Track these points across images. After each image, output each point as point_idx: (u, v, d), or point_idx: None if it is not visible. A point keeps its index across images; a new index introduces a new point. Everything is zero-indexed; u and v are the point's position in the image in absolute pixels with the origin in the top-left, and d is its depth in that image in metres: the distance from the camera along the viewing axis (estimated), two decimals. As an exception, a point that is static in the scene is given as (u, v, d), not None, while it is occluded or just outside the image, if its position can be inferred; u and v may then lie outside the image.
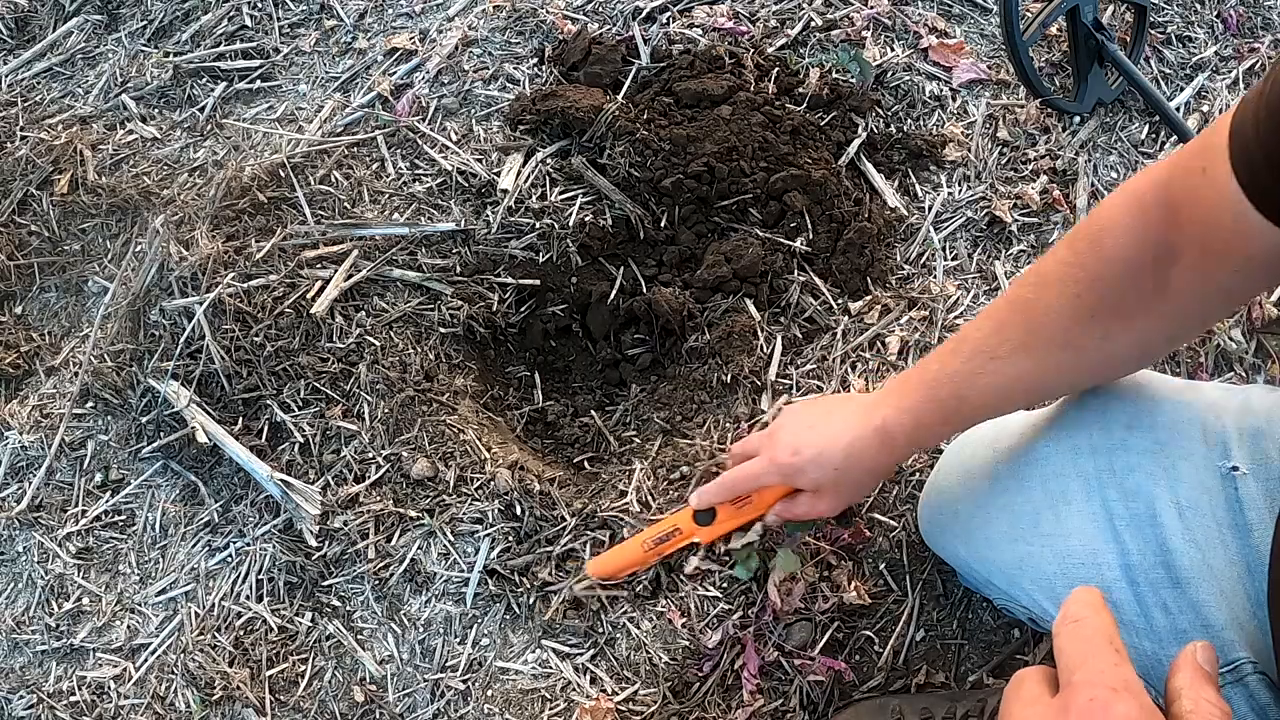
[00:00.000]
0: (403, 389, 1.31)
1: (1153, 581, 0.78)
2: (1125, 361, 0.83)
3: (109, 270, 1.55)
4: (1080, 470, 0.84)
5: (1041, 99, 1.46)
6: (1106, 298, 0.77)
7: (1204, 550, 0.77)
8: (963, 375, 0.85)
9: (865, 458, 0.93)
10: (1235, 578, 0.76)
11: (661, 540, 1.11)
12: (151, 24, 1.77)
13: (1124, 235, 0.75)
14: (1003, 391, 0.84)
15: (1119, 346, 0.79)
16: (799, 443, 0.97)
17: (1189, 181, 0.69)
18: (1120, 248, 0.75)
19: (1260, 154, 0.62)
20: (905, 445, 0.92)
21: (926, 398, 0.88)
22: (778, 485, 1.02)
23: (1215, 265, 0.70)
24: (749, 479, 1.03)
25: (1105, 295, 0.76)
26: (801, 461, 0.96)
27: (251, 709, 1.21)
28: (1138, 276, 0.75)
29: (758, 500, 1.05)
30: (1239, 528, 0.77)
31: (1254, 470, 0.78)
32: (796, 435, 0.98)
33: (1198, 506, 0.78)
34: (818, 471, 0.96)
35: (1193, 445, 0.81)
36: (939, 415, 0.88)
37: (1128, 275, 0.75)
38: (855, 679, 1.11)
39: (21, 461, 1.43)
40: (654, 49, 1.53)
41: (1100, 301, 0.77)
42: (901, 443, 0.92)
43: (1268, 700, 0.72)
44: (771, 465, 0.99)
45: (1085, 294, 0.77)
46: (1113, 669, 0.49)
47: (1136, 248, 0.74)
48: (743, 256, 1.34)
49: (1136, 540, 0.80)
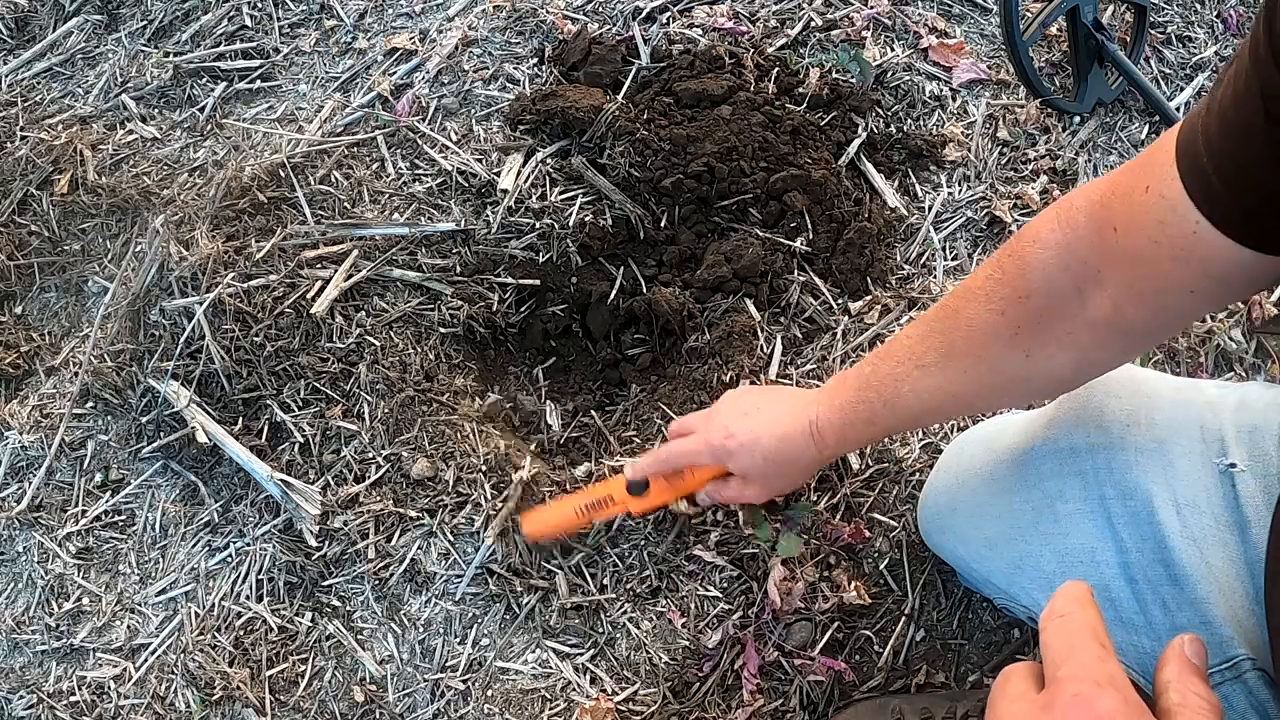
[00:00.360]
0: (403, 389, 1.31)
1: (1151, 579, 0.78)
2: (1047, 382, 0.81)
3: (109, 270, 1.55)
4: (1078, 469, 0.85)
5: (1041, 99, 1.46)
6: (1028, 316, 0.75)
7: (1202, 548, 0.77)
8: (889, 380, 0.86)
9: (793, 452, 0.95)
10: (1234, 575, 0.76)
11: (594, 506, 1.12)
12: (151, 24, 1.77)
13: (1049, 254, 0.73)
14: (925, 400, 0.85)
15: (1040, 366, 0.77)
16: (734, 428, 0.99)
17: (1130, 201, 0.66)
18: (1044, 265, 0.73)
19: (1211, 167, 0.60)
20: (834, 444, 0.94)
21: (855, 399, 0.90)
22: (709, 465, 1.04)
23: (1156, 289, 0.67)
24: (682, 455, 1.05)
25: (1026, 314, 0.75)
26: (733, 446, 0.98)
27: (251, 709, 1.21)
28: (1060, 297, 0.73)
29: (690, 477, 1.07)
30: (1237, 525, 0.77)
31: (1251, 467, 0.78)
32: (732, 420, 1.00)
33: (1196, 504, 0.78)
34: (746, 458, 0.98)
35: (1190, 443, 0.81)
36: (865, 417, 0.89)
37: (1050, 294, 0.73)
38: (855, 679, 1.11)
39: (21, 461, 1.43)
40: (654, 49, 1.53)
41: (1021, 320, 0.76)
42: (830, 441, 0.93)
43: (1267, 697, 0.72)
44: (705, 446, 1.02)
45: (1007, 311, 0.76)
46: (1098, 663, 0.49)
47: (1061, 268, 0.72)
48: (743, 256, 1.34)
49: (1135, 538, 0.80)
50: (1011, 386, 0.82)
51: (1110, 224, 0.68)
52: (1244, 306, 1.28)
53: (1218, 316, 1.28)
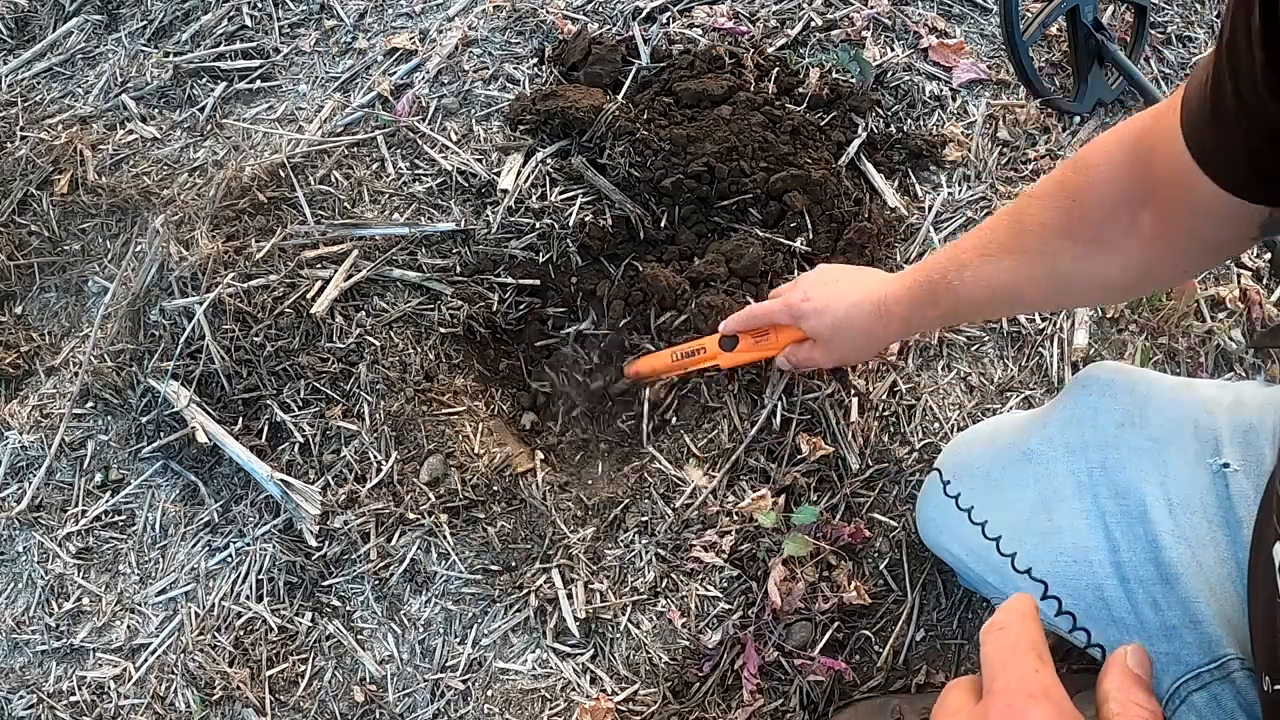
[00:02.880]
0: (403, 389, 1.31)
1: (1143, 578, 0.79)
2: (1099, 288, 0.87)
3: (109, 270, 1.55)
4: (1072, 468, 0.85)
5: (1041, 99, 1.46)
6: (1085, 221, 0.81)
7: (1194, 547, 0.77)
8: (954, 266, 0.92)
9: (861, 322, 1.03)
10: (1225, 575, 0.76)
11: (688, 355, 1.23)
12: (151, 24, 1.77)
13: (1107, 169, 0.79)
14: (984, 289, 0.90)
15: (1093, 270, 0.83)
16: (812, 293, 1.09)
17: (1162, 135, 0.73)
18: (1103, 180, 0.79)
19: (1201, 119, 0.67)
20: (899, 322, 1.01)
21: (923, 280, 0.96)
22: (786, 323, 1.13)
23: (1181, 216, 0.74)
24: (765, 313, 1.15)
25: (1085, 219, 0.81)
26: (807, 308, 1.08)
27: (251, 709, 1.21)
28: (1115, 209, 0.79)
29: (774, 339, 1.17)
30: (1230, 525, 0.77)
31: (1245, 467, 0.78)
32: (812, 286, 1.10)
33: (1189, 503, 0.79)
34: (818, 320, 1.07)
35: (1185, 442, 0.81)
36: (930, 301, 0.95)
37: (1106, 206, 0.80)
38: (855, 679, 1.11)
39: (21, 461, 1.43)
40: (654, 49, 1.52)
41: (1080, 223, 0.82)
42: (896, 316, 1.00)
43: (1255, 697, 0.72)
44: (784, 305, 1.12)
45: (1069, 211, 0.82)
46: (1032, 675, 0.49)
47: (1116, 183, 0.79)
48: (743, 256, 1.34)
49: (1127, 537, 0.80)
50: (1067, 287, 0.87)
51: (1152, 149, 0.74)
52: (1244, 306, 1.28)
53: (1218, 316, 1.28)
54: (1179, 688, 0.76)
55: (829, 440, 1.21)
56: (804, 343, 1.13)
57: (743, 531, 1.17)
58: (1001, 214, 0.90)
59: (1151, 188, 0.76)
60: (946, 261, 0.93)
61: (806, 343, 1.13)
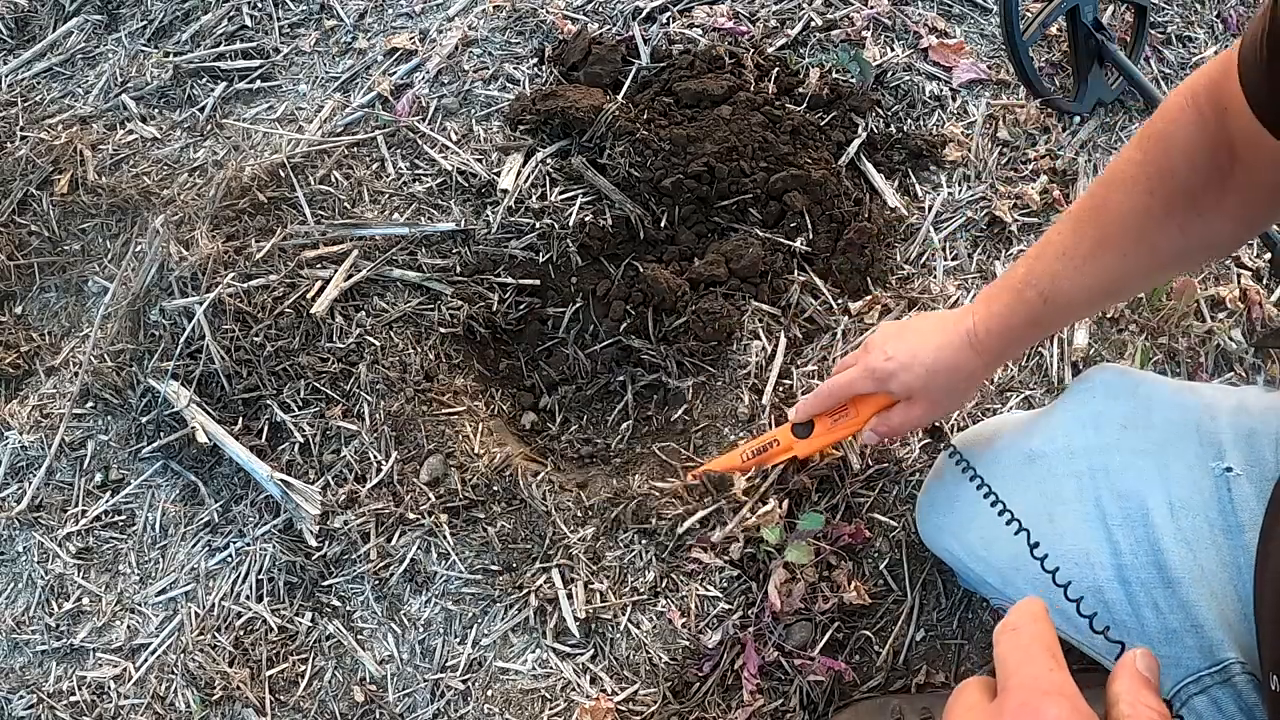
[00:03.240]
0: (403, 389, 1.31)
1: (1144, 581, 0.78)
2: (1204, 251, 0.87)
3: (109, 270, 1.55)
4: (1075, 470, 0.84)
5: (1041, 99, 1.46)
6: (1178, 194, 0.79)
7: (1196, 550, 0.77)
8: (1045, 276, 0.87)
9: (954, 361, 0.94)
10: (1226, 578, 0.76)
11: (760, 451, 1.15)
12: (151, 24, 1.77)
13: (1186, 133, 0.77)
14: (1087, 291, 0.86)
15: (1196, 238, 0.81)
16: (892, 349, 0.98)
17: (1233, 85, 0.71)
18: (1185, 145, 0.77)
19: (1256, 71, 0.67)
20: (997, 348, 0.93)
21: (1013, 300, 0.89)
22: (871, 392, 1.03)
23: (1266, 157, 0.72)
24: (844, 386, 1.04)
25: (1176, 191, 0.78)
26: (894, 366, 0.97)
27: (251, 709, 1.21)
28: (1204, 171, 0.77)
29: (854, 414, 1.07)
30: (1231, 528, 0.77)
31: (1248, 471, 0.78)
32: (889, 342, 1.00)
33: (1191, 506, 0.78)
34: (908, 375, 0.97)
35: (1187, 446, 0.81)
36: (1026, 316, 0.89)
37: (1195, 171, 0.77)
38: (855, 679, 1.11)
39: (21, 461, 1.43)
40: (654, 49, 1.52)
41: (1172, 198, 0.79)
42: (992, 345, 0.92)
43: (1256, 700, 0.72)
44: (865, 370, 1.01)
45: (1156, 190, 0.79)
46: (1047, 674, 0.50)
47: (1199, 145, 0.76)
48: (742, 257, 1.34)
49: (1129, 540, 0.80)
50: (1172, 262, 0.86)
51: (1224, 104, 0.73)
52: (1244, 306, 1.28)
53: (1218, 316, 1.28)
54: (1179, 691, 0.75)
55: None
56: (893, 408, 1.02)
57: (745, 535, 1.17)
58: (1083, 208, 0.86)
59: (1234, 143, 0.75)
60: (1035, 274, 0.88)
61: (896, 407, 1.01)
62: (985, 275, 1.35)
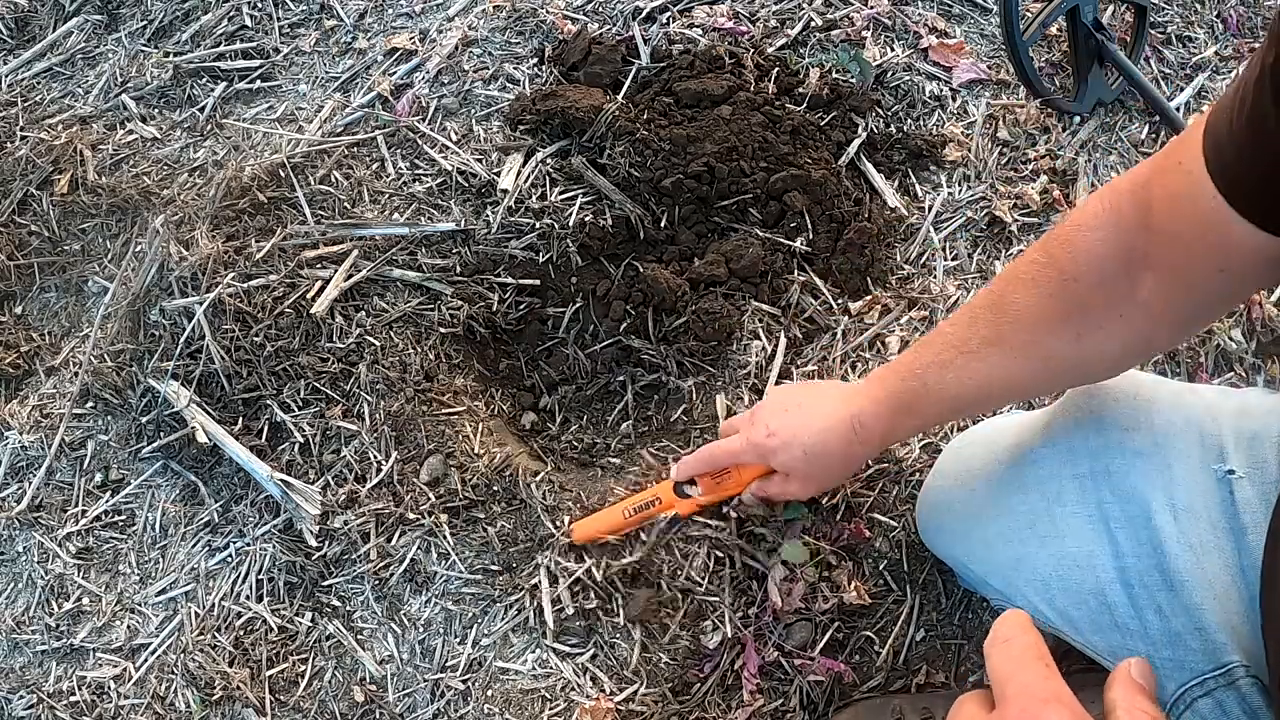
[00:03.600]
0: (403, 389, 1.31)
1: (1147, 584, 0.78)
2: (1098, 365, 0.81)
3: (109, 270, 1.55)
4: (1076, 472, 0.84)
5: (1041, 99, 1.46)
6: (1078, 300, 0.76)
7: (1198, 553, 0.77)
8: (933, 368, 0.86)
9: (836, 446, 0.96)
10: (1229, 581, 0.76)
11: (641, 508, 1.15)
12: (151, 24, 1.77)
13: (1097, 236, 0.74)
14: (970, 386, 0.84)
15: (1091, 350, 0.78)
16: (775, 425, 1.00)
17: (1166, 180, 0.68)
18: (1093, 248, 0.74)
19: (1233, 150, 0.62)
20: (878, 436, 0.94)
21: (898, 389, 0.90)
22: (752, 463, 1.06)
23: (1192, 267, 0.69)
24: (726, 454, 1.07)
25: (1077, 297, 0.76)
26: (775, 444, 1.00)
27: (251, 709, 1.21)
28: (1110, 279, 0.74)
29: (736, 477, 1.10)
30: (1234, 531, 0.77)
31: (1250, 474, 0.77)
32: (774, 417, 1.01)
33: (1193, 509, 0.78)
34: (787, 455, 0.99)
35: (1189, 448, 0.81)
36: (907, 407, 0.89)
37: (1100, 277, 0.74)
38: (855, 679, 1.11)
39: (21, 461, 1.43)
40: (654, 49, 1.53)
41: (1072, 304, 0.76)
42: (875, 433, 0.93)
43: (1260, 703, 0.72)
44: (748, 444, 1.03)
45: (1056, 294, 0.77)
46: (1042, 681, 0.51)
47: (1109, 249, 0.73)
48: (742, 257, 1.34)
49: (1131, 543, 0.80)
50: (1063, 372, 0.82)
51: (1149, 203, 0.70)
52: (1244, 307, 1.28)
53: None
54: (1184, 694, 0.75)
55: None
56: (771, 476, 1.06)
57: (744, 534, 1.17)
58: (981, 303, 0.84)
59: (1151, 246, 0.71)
60: (921, 365, 0.87)
61: (775, 476, 1.05)
62: (985, 275, 1.35)
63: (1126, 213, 0.72)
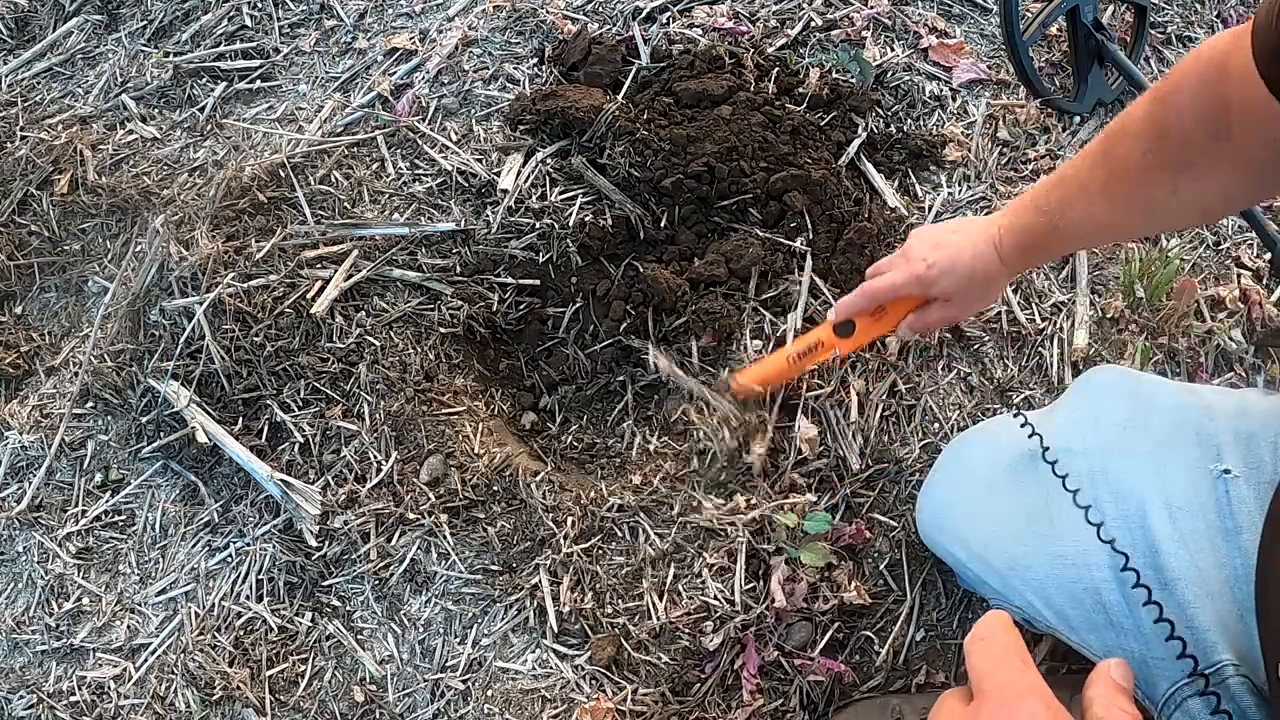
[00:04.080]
0: (403, 389, 1.31)
1: (1141, 583, 0.78)
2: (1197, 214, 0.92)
3: (109, 270, 1.55)
4: (1074, 472, 0.85)
5: (1041, 99, 1.46)
6: (1172, 152, 0.82)
7: (1193, 551, 0.77)
8: (1058, 204, 0.94)
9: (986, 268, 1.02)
10: (1223, 580, 0.76)
11: (805, 353, 1.15)
12: (151, 24, 1.77)
13: (1188, 95, 0.80)
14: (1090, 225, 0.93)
15: (1189, 198, 0.84)
16: (932, 257, 1.06)
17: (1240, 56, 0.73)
18: (1185, 107, 0.80)
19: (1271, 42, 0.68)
20: (1015, 261, 1.01)
21: (1031, 219, 0.97)
22: (914, 294, 1.09)
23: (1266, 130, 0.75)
24: (889, 288, 1.09)
25: (1171, 150, 0.82)
26: (935, 272, 1.05)
27: (251, 709, 1.21)
28: (1200, 135, 0.80)
29: (892, 312, 1.11)
30: (1229, 531, 0.77)
31: (1246, 474, 0.78)
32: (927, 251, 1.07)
33: (1188, 508, 0.78)
34: (949, 280, 1.05)
35: (1186, 447, 0.81)
36: (1039, 236, 0.97)
37: (1191, 133, 0.80)
38: (855, 679, 1.11)
39: (21, 461, 1.43)
40: (654, 49, 1.52)
41: (1167, 156, 0.83)
42: (1013, 258, 1.01)
43: (1249, 703, 0.72)
44: (910, 275, 1.07)
45: (1154, 147, 0.84)
46: (1019, 675, 0.54)
47: (1198, 108, 0.79)
48: (742, 257, 1.34)
49: (1127, 542, 0.80)
50: (1166, 216, 0.92)
51: (1227, 70, 0.76)
52: (1244, 306, 1.28)
53: (1218, 316, 1.27)
54: (1174, 693, 0.76)
55: (830, 438, 1.21)
56: (928, 306, 1.09)
57: (752, 529, 1.17)
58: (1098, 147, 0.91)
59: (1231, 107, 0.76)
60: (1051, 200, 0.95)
61: (932, 305, 1.09)
62: (985, 275, 1.35)
63: (1211, 77, 0.78)
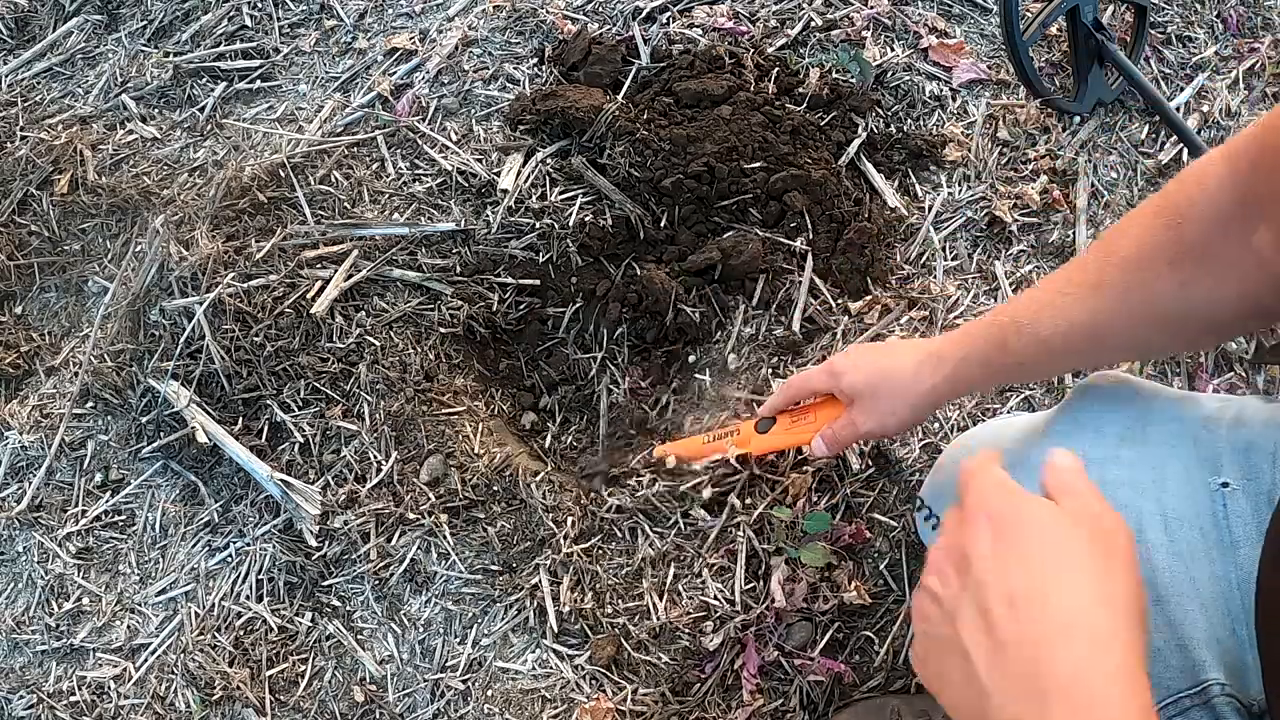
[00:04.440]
0: (403, 389, 1.31)
1: None
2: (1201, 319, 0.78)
3: (109, 270, 1.55)
4: None
5: (1041, 99, 1.46)
6: (1189, 242, 0.74)
7: (1188, 563, 0.76)
8: (1028, 306, 0.84)
9: (909, 368, 0.95)
10: (1218, 593, 0.75)
11: (720, 437, 1.18)
12: (151, 24, 1.77)
13: (1213, 182, 0.73)
14: (1062, 328, 0.81)
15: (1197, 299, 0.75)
16: (852, 353, 1.04)
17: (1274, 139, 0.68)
18: (1209, 193, 0.73)
19: None
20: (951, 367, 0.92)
21: (987, 323, 0.88)
22: (825, 387, 1.06)
23: None
24: (800, 379, 1.09)
25: (1189, 240, 0.74)
26: (845, 363, 1.02)
27: (251, 709, 1.21)
28: (1223, 225, 0.73)
29: (812, 419, 1.11)
30: (1224, 544, 0.76)
31: (1244, 485, 0.76)
32: (854, 349, 1.06)
33: (1185, 519, 0.77)
34: (855, 375, 1.00)
35: (1185, 459, 0.80)
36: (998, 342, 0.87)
37: (1213, 222, 0.73)
38: (855, 679, 1.11)
39: (21, 461, 1.43)
40: (654, 49, 1.52)
41: (1183, 246, 0.74)
42: (948, 362, 0.92)
43: None
44: (822, 366, 1.05)
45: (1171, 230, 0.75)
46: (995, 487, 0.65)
47: (1224, 196, 0.73)
48: (741, 253, 1.34)
49: None
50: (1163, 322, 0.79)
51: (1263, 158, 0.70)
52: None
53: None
54: (1158, 712, 0.75)
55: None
56: (841, 417, 1.04)
57: (753, 527, 1.17)
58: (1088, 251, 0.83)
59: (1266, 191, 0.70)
60: (1018, 302, 0.86)
61: (844, 415, 1.04)
62: (985, 275, 1.35)
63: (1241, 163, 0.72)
